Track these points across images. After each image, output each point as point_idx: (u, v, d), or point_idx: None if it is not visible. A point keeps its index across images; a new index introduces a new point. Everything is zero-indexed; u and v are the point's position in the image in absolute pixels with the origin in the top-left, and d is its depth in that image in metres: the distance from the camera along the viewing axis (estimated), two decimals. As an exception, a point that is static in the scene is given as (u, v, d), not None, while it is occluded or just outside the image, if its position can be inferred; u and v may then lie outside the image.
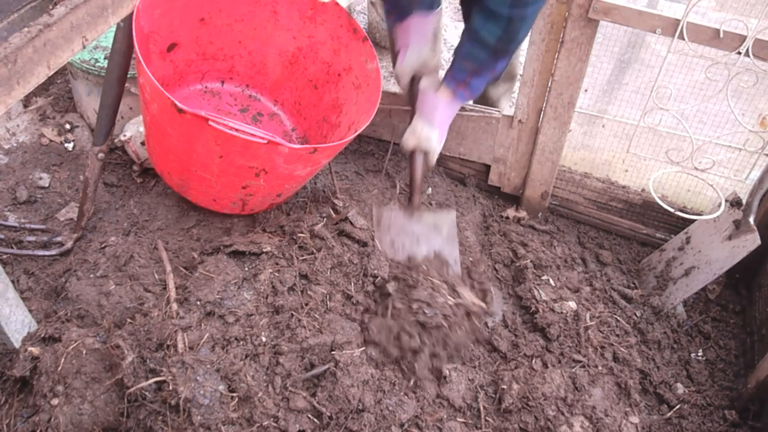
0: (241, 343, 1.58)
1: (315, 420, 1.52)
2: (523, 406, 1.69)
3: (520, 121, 2.23)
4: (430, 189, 2.34)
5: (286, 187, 1.91)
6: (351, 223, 1.97)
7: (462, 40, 1.86)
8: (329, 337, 1.64)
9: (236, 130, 1.61)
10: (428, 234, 2.02)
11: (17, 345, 1.45)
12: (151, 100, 1.71)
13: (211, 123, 1.59)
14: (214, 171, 1.79)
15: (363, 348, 1.68)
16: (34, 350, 1.44)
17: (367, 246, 1.95)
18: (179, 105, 1.58)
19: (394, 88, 2.39)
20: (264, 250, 1.79)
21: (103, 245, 1.86)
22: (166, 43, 2.08)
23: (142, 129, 2.07)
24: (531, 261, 2.13)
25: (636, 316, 2.07)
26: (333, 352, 1.61)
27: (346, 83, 2.15)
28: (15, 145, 2.20)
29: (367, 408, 1.55)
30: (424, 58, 1.97)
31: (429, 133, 1.94)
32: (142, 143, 2.08)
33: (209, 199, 1.96)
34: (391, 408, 1.59)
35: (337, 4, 2.11)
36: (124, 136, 2.09)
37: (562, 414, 1.70)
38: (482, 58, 1.80)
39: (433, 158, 2.00)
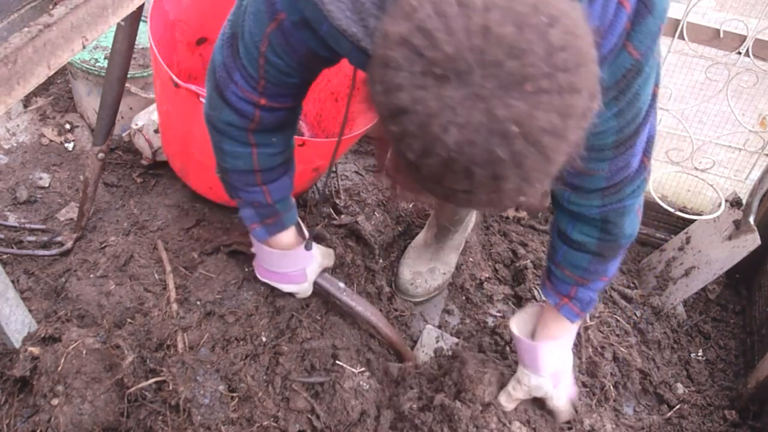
0: (241, 343, 1.59)
1: (315, 421, 1.52)
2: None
3: (520, 121, 2.23)
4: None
5: (282, 183, 1.92)
6: (359, 227, 1.98)
7: (553, 242, 1.41)
8: (329, 341, 1.64)
9: None
10: None
11: (17, 345, 1.45)
12: (156, 76, 1.73)
13: (202, 99, 1.60)
14: (209, 154, 1.81)
15: (363, 352, 1.68)
16: (34, 350, 1.44)
17: (374, 251, 1.95)
18: (176, 79, 1.59)
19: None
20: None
21: (103, 245, 1.86)
22: (195, 36, 2.10)
23: (154, 117, 2.08)
24: (531, 261, 2.13)
25: (636, 316, 2.07)
26: (334, 361, 1.60)
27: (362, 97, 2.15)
28: (15, 145, 2.20)
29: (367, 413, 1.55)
30: (322, 260, 1.66)
31: (538, 382, 1.50)
32: (156, 131, 2.08)
33: (206, 187, 1.98)
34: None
35: None
36: (136, 125, 2.09)
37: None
38: (584, 264, 1.36)
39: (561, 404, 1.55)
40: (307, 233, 1.62)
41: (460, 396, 1.55)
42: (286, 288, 1.65)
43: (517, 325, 1.54)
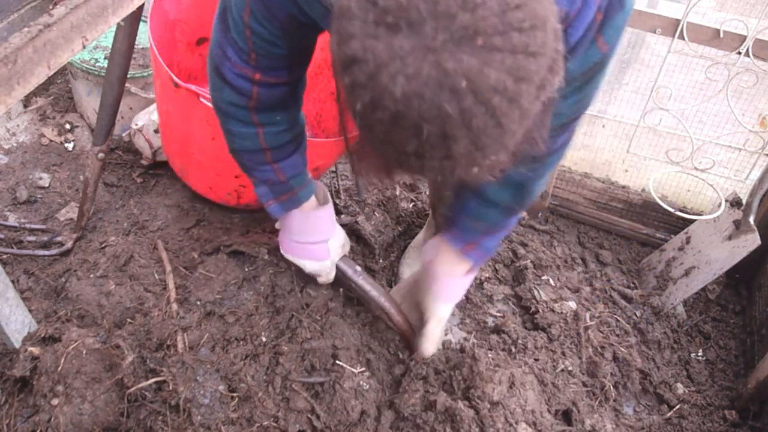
0: (241, 343, 1.59)
1: (315, 421, 1.52)
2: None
3: (520, 121, 2.23)
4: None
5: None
6: (359, 227, 1.98)
7: (463, 196, 1.45)
8: (329, 341, 1.64)
9: None
10: None
11: (17, 345, 1.45)
12: (156, 76, 1.73)
13: (201, 99, 1.61)
14: (208, 154, 1.82)
15: (363, 353, 1.68)
16: (34, 350, 1.44)
17: (374, 251, 1.94)
18: (176, 79, 1.59)
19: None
20: (264, 257, 1.79)
21: (103, 245, 1.86)
22: (195, 36, 2.10)
23: (154, 117, 2.08)
24: (531, 261, 2.13)
25: (636, 316, 2.07)
26: (334, 360, 1.60)
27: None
28: (15, 145, 2.20)
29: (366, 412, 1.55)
30: (344, 242, 1.69)
31: (450, 310, 1.60)
32: (156, 131, 2.09)
33: (206, 187, 1.98)
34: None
35: None
36: (136, 125, 2.09)
37: (562, 414, 1.70)
38: (494, 218, 1.42)
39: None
40: (326, 197, 1.61)
41: (469, 392, 1.55)
42: (309, 266, 1.63)
43: (428, 257, 1.59)
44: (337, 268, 1.68)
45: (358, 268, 1.69)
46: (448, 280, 1.54)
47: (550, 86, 0.75)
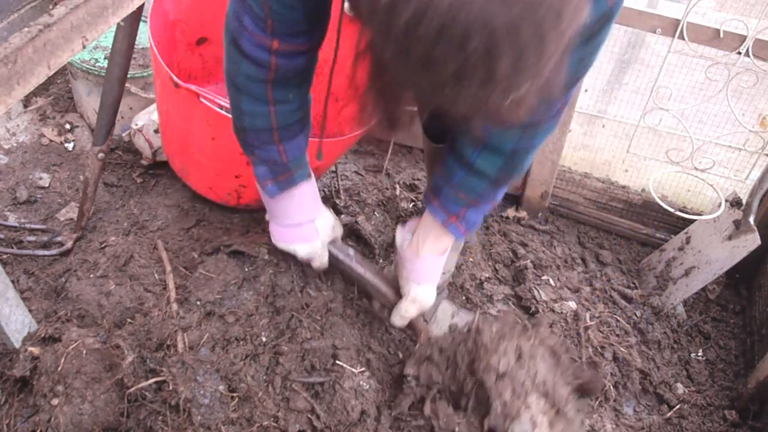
0: (241, 343, 1.59)
1: (315, 421, 1.52)
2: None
3: (520, 121, 2.23)
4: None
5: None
6: (359, 227, 1.98)
7: (449, 165, 1.43)
8: (329, 341, 1.64)
9: (224, 107, 1.62)
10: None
11: (17, 345, 1.45)
12: (156, 76, 1.74)
13: (201, 99, 1.61)
14: (208, 154, 1.82)
15: (363, 353, 1.68)
16: (34, 350, 1.44)
17: (374, 251, 1.94)
18: (176, 79, 1.60)
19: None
20: (264, 257, 1.80)
21: (103, 245, 1.86)
22: (195, 36, 2.11)
23: (154, 117, 2.09)
24: (531, 261, 2.13)
25: (636, 316, 2.07)
26: (334, 360, 1.60)
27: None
28: (15, 145, 2.20)
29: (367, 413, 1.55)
30: (334, 223, 1.67)
31: (430, 293, 1.60)
32: (156, 131, 2.09)
33: (206, 187, 1.99)
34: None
35: None
36: (136, 125, 2.09)
37: (562, 414, 1.69)
38: (480, 189, 1.41)
39: (429, 308, 1.66)
40: (309, 174, 1.62)
41: (474, 366, 1.49)
42: (301, 250, 1.62)
43: (400, 240, 1.59)
44: (330, 253, 1.67)
45: (351, 252, 1.68)
46: (417, 261, 1.55)
47: (575, 24, 0.75)
